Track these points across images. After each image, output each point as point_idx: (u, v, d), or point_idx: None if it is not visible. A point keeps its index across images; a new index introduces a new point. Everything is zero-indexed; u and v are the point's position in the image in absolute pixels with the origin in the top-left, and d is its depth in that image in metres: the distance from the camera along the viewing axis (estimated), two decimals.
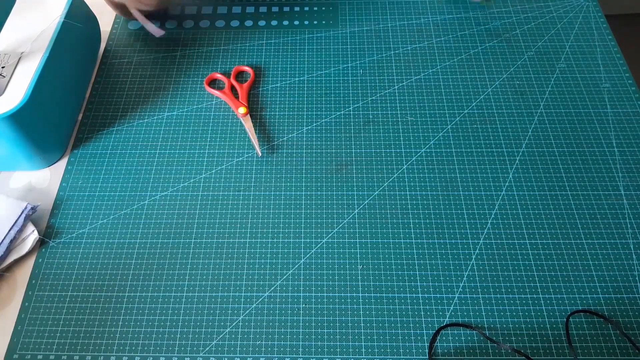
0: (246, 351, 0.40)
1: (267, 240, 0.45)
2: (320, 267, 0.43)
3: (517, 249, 0.44)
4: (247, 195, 0.47)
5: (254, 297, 0.42)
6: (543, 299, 0.42)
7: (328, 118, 0.52)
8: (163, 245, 0.45)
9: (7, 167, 0.49)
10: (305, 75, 0.56)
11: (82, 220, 0.46)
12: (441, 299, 0.42)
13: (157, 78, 0.56)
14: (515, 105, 0.53)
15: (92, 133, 0.52)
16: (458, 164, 0.49)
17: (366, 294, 0.42)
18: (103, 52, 0.58)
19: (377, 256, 0.44)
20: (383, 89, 0.54)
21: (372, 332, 0.40)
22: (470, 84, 0.54)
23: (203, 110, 0.53)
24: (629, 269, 0.43)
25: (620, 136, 0.50)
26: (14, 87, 0.45)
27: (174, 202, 0.47)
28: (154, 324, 0.41)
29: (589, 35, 0.58)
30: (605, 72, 0.55)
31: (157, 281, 0.43)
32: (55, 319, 0.41)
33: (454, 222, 0.45)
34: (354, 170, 0.49)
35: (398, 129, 0.51)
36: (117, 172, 0.49)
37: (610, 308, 0.41)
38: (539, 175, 0.48)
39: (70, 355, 0.40)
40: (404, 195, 0.47)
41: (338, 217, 0.46)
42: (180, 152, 0.50)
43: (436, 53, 0.57)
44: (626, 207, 0.46)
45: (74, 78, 0.53)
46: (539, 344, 0.40)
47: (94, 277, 0.43)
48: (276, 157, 0.50)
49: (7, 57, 0.47)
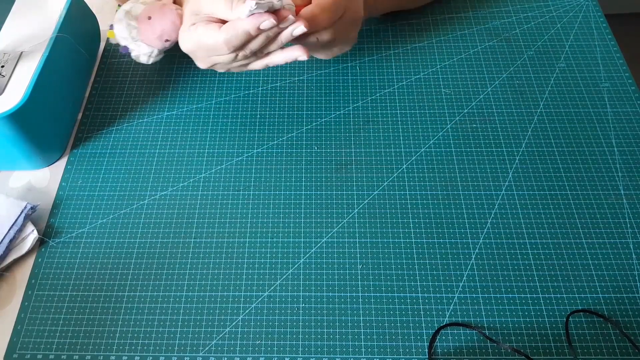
0: (246, 351, 0.40)
1: (266, 240, 0.45)
2: (320, 267, 0.43)
3: (517, 249, 0.44)
4: (247, 195, 0.47)
5: (253, 296, 0.42)
6: (543, 298, 0.42)
7: (328, 117, 0.52)
8: (163, 244, 0.45)
9: (7, 166, 0.49)
10: (305, 75, 0.55)
11: (81, 220, 0.46)
12: (441, 299, 0.42)
13: (157, 78, 0.56)
14: (515, 105, 0.53)
15: (91, 132, 0.52)
16: (458, 163, 0.49)
17: (366, 294, 0.42)
18: (103, 52, 0.58)
19: (377, 256, 0.44)
20: (383, 88, 0.54)
21: (372, 332, 0.40)
22: (470, 84, 0.54)
23: (203, 110, 0.53)
24: (629, 269, 0.43)
25: (620, 136, 0.50)
26: (13, 86, 0.45)
27: (174, 201, 0.47)
28: (153, 324, 0.41)
29: (589, 35, 0.58)
30: (605, 71, 0.55)
31: (157, 281, 0.43)
32: (54, 318, 0.41)
33: (454, 221, 0.45)
34: (354, 170, 0.49)
35: (398, 128, 0.51)
36: (117, 171, 0.49)
37: (610, 308, 0.41)
38: (539, 175, 0.48)
39: (70, 354, 0.40)
40: (403, 195, 0.47)
41: (338, 217, 0.46)
42: (180, 152, 0.50)
43: (436, 52, 0.57)
44: (626, 207, 0.46)
45: (73, 77, 0.53)
46: (539, 344, 0.40)
47: (94, 276, 0.43)
48: (276, 157, 0.50)
49: (6, 56, 0.47)
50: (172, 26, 0.46)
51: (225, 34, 0.40)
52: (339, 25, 0.44)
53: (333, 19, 0.43)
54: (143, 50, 0.48)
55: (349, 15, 0.45)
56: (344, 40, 0.47)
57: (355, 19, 0.46)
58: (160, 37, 0.47)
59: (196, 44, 0.43)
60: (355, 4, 0.46)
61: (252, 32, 0.40)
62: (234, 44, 0.41)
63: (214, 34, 0.41)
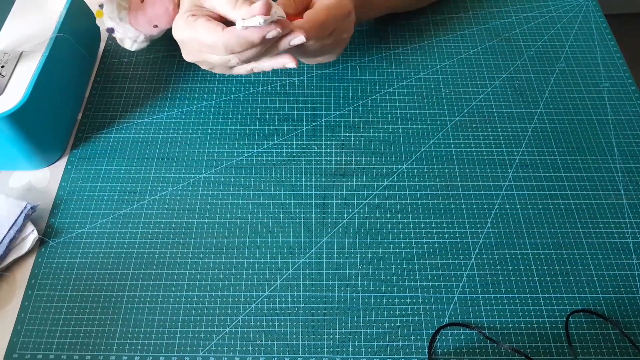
0: (246, 351, 0.40)
1: (266, 240, 0.45)
2: (320, 267, 0.43)
3: (517, 249, 0.44)
4: (247, 195, 0.47)
5: (253, 296, 0.42)
6: (543, 298, 0.42)
7: (328, 117, 0.52)
8: (163, 244, 0.45)
9: (7, 166, 0.49)
10: (305, 75, 0.55)
11: (81, 220, 0.46)
12: (441, 299, 0.42)
13: (157, 78, 0.56)
14: (515, 105, 0.53)
15: (91, 132, 0.52)
16: (458, 163, 0.49)
17: (366, 294, 0.42)
18: (103, 52, 0.58)
19: (377, 256, 0.44)
20: (383, 88, 0.54)
21: (372, 332, 0.40)
22: (470, 84, 0.54)
23: (203, 110, 0.53)
24: (629, 269, 0.43)
25: (620, 136, 0.50)
26: (13, 86, 0.45)
27: (174, 201, 0.47)
28: (153, 324, 0.41)
29: (589, 35, 0.58)
30: (605, 71, 0.55)
31: (157, 281, 0.43)
32: (54, 318, 0.41)
33: (454, 221, 0.45)
34: (354, 170, 0.49)
35: (398, 128, 0.51)
36: (117, 171, 0.49)
37: (610, 308, 0.41)
38: (539, 175, 0.48)
39: (70, 354, 0.40)
40: (403, 195, 0.47)
41: (338, 217, 0.46)
42: (180, 152, 0.50)
43: (436, 52, 0.57)
44: (626, 207, 0.46)
45: (73, 77, 0.53)
46: (539, 344, 0.40)
47: (94, 276, 0.43)
48: (276, 157, 0.50)
49: (6, 56, 0.47)
50: (165, 13, 0.45)
51: (227, 37, 0.40)
52: (327, 41, 0.45)
53: (321, 36, 0.44)
54: (129, 34, 0.47)
55: (337, 34, 0.46)
56: (330, 53, 0.48)
57: (342, 39, 0.47)
58: (149, 21, 0.46)
59: (192, 37, 0.42)
60: (346, 24, 0.46)
61: (257, 42, 0.40)
62: (233, 49, 0.41)
63: (214, 33, 0.40)
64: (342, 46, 0.48)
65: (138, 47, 0.49)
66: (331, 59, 0.49)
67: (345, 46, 0.49)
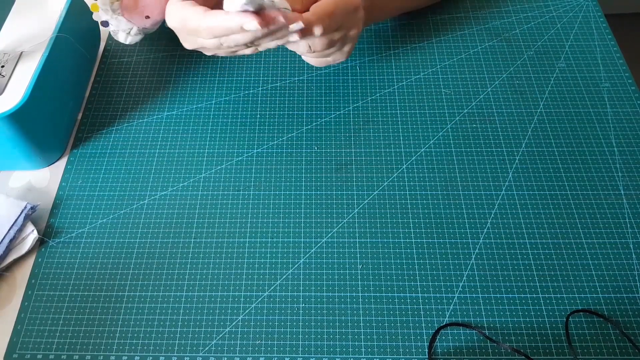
0: (246, 351, 0.40)
1: (266, 240, 0.45)
2: (320, 267, 0.43)
3: (516, 249, 0.44)
4: (247, 195, 0.47)
5: (253, 296, 0.42)
6: (543, 298, 0.42)
7: (328, 117, 0.52)
8: (163, 244, 0.45)
9: (7, 166, 0.49)
10: (305, 75, 0.55)
11: (81, 220, 0.46)
12: (441, 299, 0.42)
13: (157, 78, 0.56)
14: (515, 105, 0.53)
15: (91, 132, 0.52)
16: (458, 163, 0.49)
17: (366, 294, 0.42)
18: (103, 52, 0.58)
19: (377, 256, 0.44)
20: (383, 88, 0.54)
21: (372, 332, 0.40)
22: (470, 84, 0.54)
23: (203, 110, 0.53)
24: (629, 269, 0.43)
25: (620, 136, 0.50)
26: (13, 86, 0.45)
27: (174, 201, 0.47)
28: (153, 324, 0.41)
29: (589, 35, 0.58)
30: (605, 71, 0.55)
31: (157, 281, 0.43)
32: (54, 318, 0.41)
33: (454, 221, 0.45)
34: (354, 170, 0.49)
35: (398, 128, 0.51)
36: (117, 171, 0.49)
37: (610, 308, 0.41)
38: (539, 175, 0.48)
39: (70, 354, 0.40)
40: (403, 195, 0.47)
41: (338, 217, 0.46)
42: (180, 152, 0.50)
43: (436, 52, 0.57)
44: (626, 207, 0.46)
45: (73, 77, 0.53)
46: (539, 344, 0.40)
47: (94, 276, 0.43)
48: (276, 157, 0.50)
49: (6, 56, 0.47)
50: (156, 2, 0.45)
51: (209, 21, 0.39)
52: (335, 35, 0.44)
53: (327, 30, 0.42)
54: (122, 26, 0.47)
55: (345, 29, 0.44)
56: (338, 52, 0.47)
57: (350, 35, 0.46)
58: (141, 11, 0.45)
59: (180, 23, 0.41)
60: (354, 19, 0.45)
61: (235, 30, 0.38)
62: (216, 34, 0.40)
63: (198, 17, 0.39)
64: (350, 44, 0.47)
65: (132, 41, 0.48)
66: (341, 58, 0.48)
67: (354, 45, 0.48)
